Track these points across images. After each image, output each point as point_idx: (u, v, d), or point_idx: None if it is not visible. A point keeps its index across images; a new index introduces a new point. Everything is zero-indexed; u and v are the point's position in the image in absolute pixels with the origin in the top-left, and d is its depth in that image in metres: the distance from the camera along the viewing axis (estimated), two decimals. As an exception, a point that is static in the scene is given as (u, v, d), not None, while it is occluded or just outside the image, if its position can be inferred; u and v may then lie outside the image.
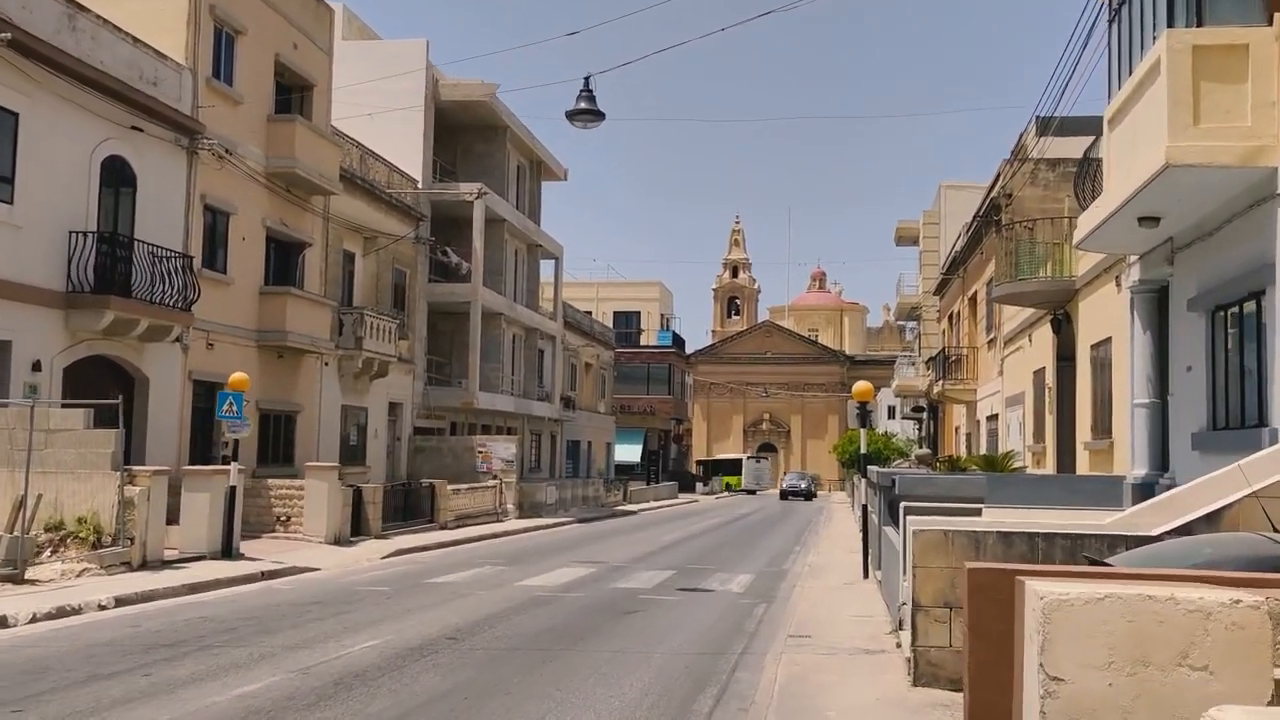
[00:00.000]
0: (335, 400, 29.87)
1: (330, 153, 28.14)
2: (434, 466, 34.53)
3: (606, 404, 63.00)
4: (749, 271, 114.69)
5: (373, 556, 20.97)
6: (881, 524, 15.11)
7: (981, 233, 30.94)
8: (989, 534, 8.58)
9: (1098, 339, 18.21)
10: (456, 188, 36.12)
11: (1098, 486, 16.22)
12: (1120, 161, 13.24)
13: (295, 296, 26.28)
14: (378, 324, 30.67)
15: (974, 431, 34.77)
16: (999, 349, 29.14)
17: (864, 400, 17.20)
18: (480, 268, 36.30)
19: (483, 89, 37.07)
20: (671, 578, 18.57)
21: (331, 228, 29.65)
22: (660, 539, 28.86)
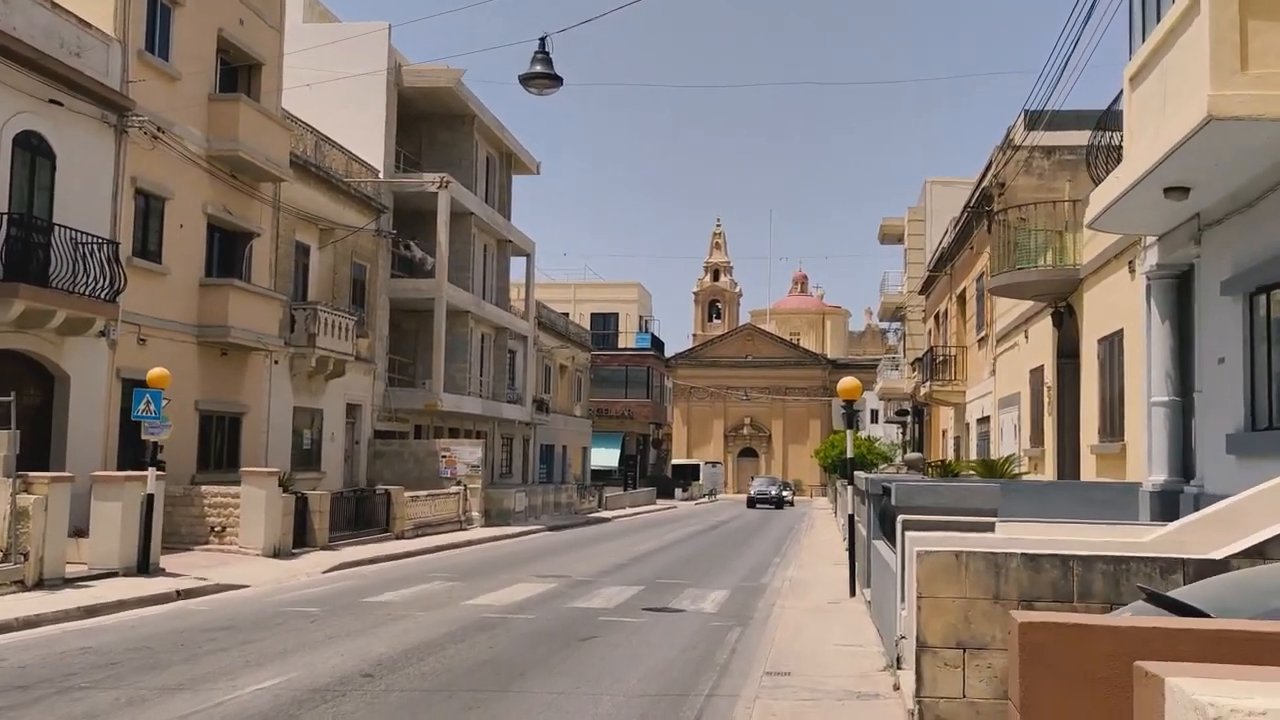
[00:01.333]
0: (286, 401, 28.01)
1: (279, 136, 26.31)
2: (395, 472, 32.70)
3: (583, 407, 61.22)
4: (730, 275, 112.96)
5: (313, 571, 19.15)
6: (871, 537, 13.41)
7: (972, 225, 29.33)
8: (1012, 556, 6.87)
9: (1106, 332, 16.57)
10: (419, 177, 34.29)
11: (1110, 495, 14.59)
12: (1145, 124, 11.59)
13: (239, 289, 24.43)
14: (333, 320, 28.84)
15: (963, 435, 33.14)
16: (991, 347, 27.53)
17: (850, 399, 15.52)
18: (445, 262, 34.50)
19: (447, 74, 35.28)
20: (638, 594, 16.83)
21: (283, 217, 27.81)
22: (632, 549, 27.11)
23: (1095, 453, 17.08)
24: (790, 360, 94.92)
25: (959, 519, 8.59)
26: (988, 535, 8.28)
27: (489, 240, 41.25)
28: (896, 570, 9.47)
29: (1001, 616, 6.73)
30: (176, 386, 23.02)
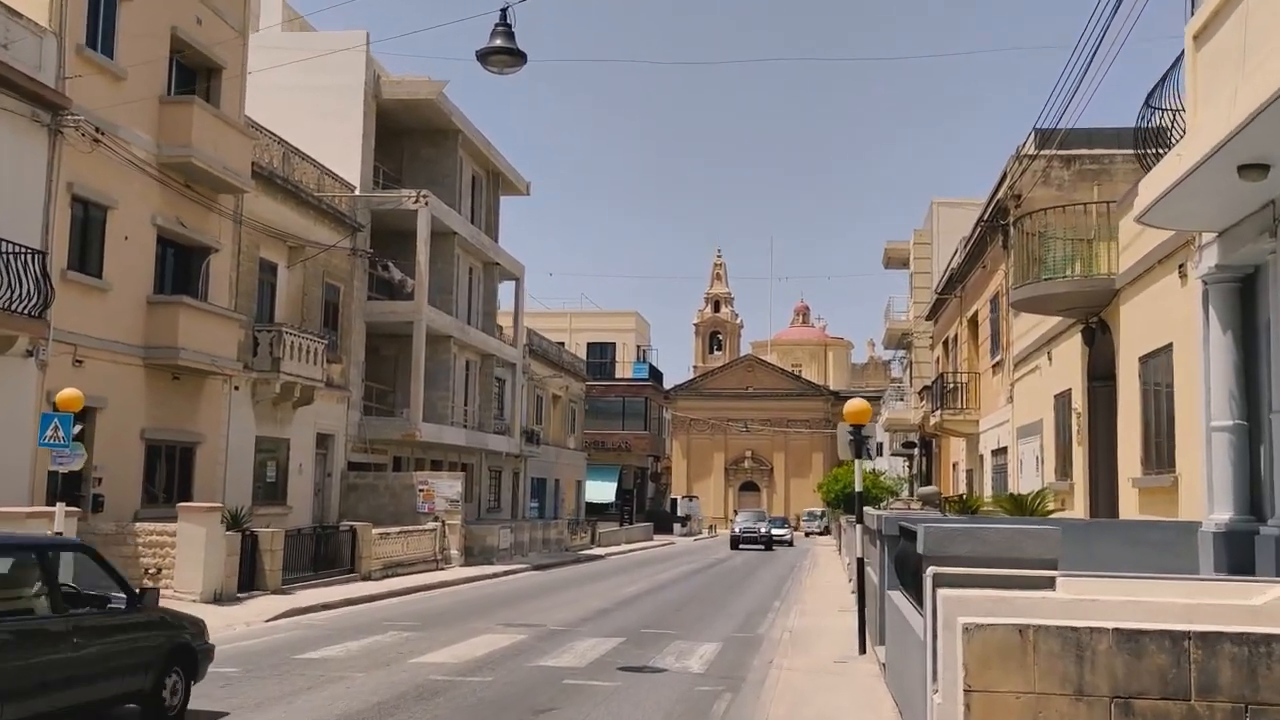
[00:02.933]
0: (248, 430, 25.95)
1: (240, 144, 24.40)
2: (370, 506, 30.61)
3: (577, 439, 59.10)
4: (731, 306, 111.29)
5: (255, 619, 17.04)
6: (885, 585, 11.33)
7: (986, 242, 27.37)
8: (1102, 634, 4.83)
9: (1150, 348, 14.55)
10: (396, 194, 32.40)
11: (1165, 536, 12.51)
12: (1216, 87, 9.63)
13: (190, 308, 22.43)
14: (301, 343, 26.84)
15: (976, 468, 31.05)
16: (1007, 372, 25.49)
17: (859, 424, 13.49)
18: (425, 284, 32.52)
19: (429, 86, 33.46)
20: (617, 649, 14.72)
21: (246, 233, 25.86)
22: (620, 591, 24.98)
23: (1138, 486, 15.01)
24: (792, 392, 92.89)
25: (1008, 573, 6.55)
26: (1050, 597, 6.24)
27: (474, 262, 39.31)
28: (923, 635, 7.41)
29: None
30: (120, 413, 21.16)
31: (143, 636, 9.23)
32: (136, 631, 9.20)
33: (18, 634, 7.92)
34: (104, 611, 9.09)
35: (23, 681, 7.68)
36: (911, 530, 9.26)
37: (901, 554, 10.09)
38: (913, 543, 9.23)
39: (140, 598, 9.42)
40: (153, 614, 9.57)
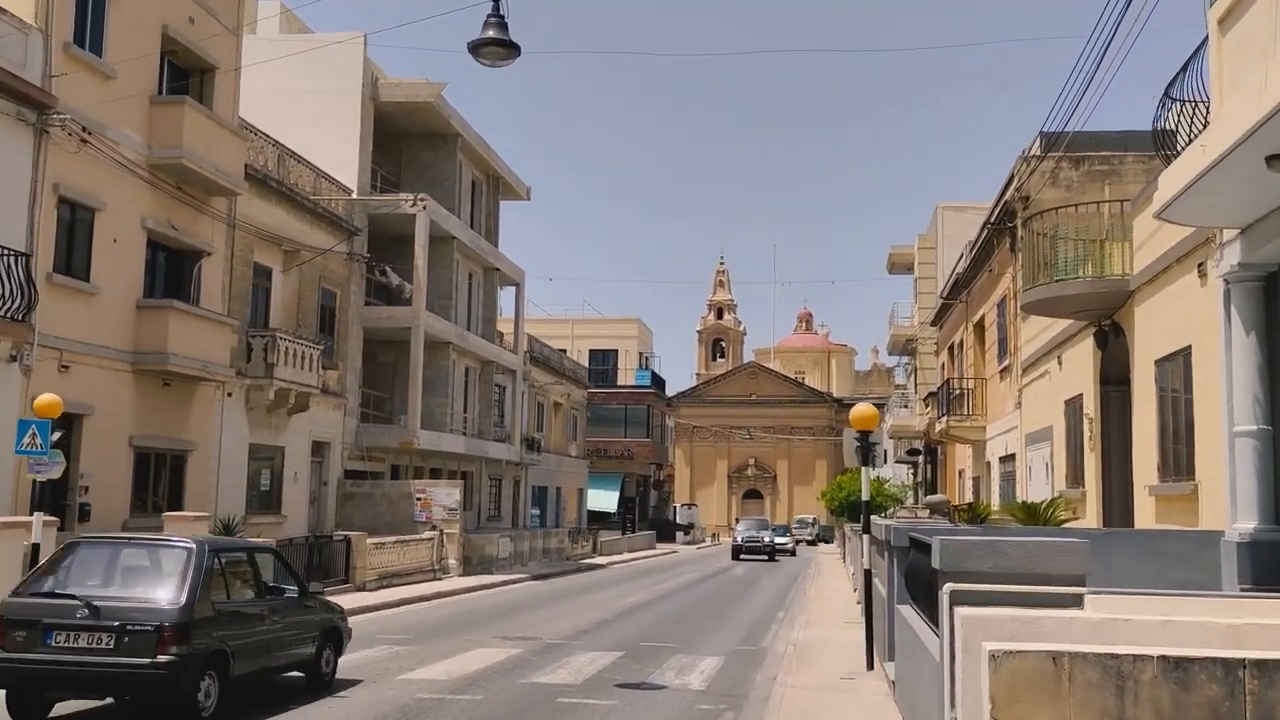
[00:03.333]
0: (241, 438, 25.46)
1: (233, 146, 23.94)
2: (366, 515, 30.13)
3: (578, 447, 58.58)
4: (734, 313, 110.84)
5: (242, 631, 16.48)
6: (894, 599, 10.81)
7: (993, 244, 26.85)
8: (1145, 662, 4.32)
9: (1167, 351, 14.03)
10: (393, 197, 31.92)
11: (1185, 547, 11.98)
12: (1241, 75, 9.14)
13: (181, 312, 21.95)
14: (295, 349, 26.35)
15: (983, 475, 30.51)
16: (1015, 378, 24.97)
17: (865, 429, 12.96)
18: (423, 289, 32.05)
19: (427, 88, 33.01)
20: (615, 664, 14.20)
21: (239, 236, 25.39)
22: (620, 602, 24.46)
23: (1155, 495, 14.48)
24: (796, 399, 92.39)
25: (1033, 590, 6.04)
26: (1080, 617, 5.73)
27: (474, 268, 38.84)
28: (938, 656, 6.90)
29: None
30: (107, 420, 20.66)
31: (308, 618, 11.97)
32: (304, 614, 11.91)
33: (238, 614, 10.61)
34: (285, 598, 11.66)
35: (245, 647, 10.48)
36: (923, 542, 8.74)
37: (912, 567, 9.57)
38: (924, 555, 8.72)
39: (306, 590, 12.46)
40: (314, 602, 12.42)
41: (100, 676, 9.51)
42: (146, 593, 10.00)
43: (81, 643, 9.49)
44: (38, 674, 9.61)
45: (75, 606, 9.61)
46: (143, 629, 9.47)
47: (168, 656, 9.38)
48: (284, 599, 11.59)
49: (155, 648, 9.40)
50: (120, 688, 9.70)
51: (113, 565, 10.53)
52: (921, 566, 8.79)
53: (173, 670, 9.39)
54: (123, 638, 9.43)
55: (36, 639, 9.57)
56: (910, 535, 10.04)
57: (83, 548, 10.87)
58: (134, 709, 10.34)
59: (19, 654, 9.56)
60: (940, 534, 7.22)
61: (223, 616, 10.25)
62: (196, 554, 10.23)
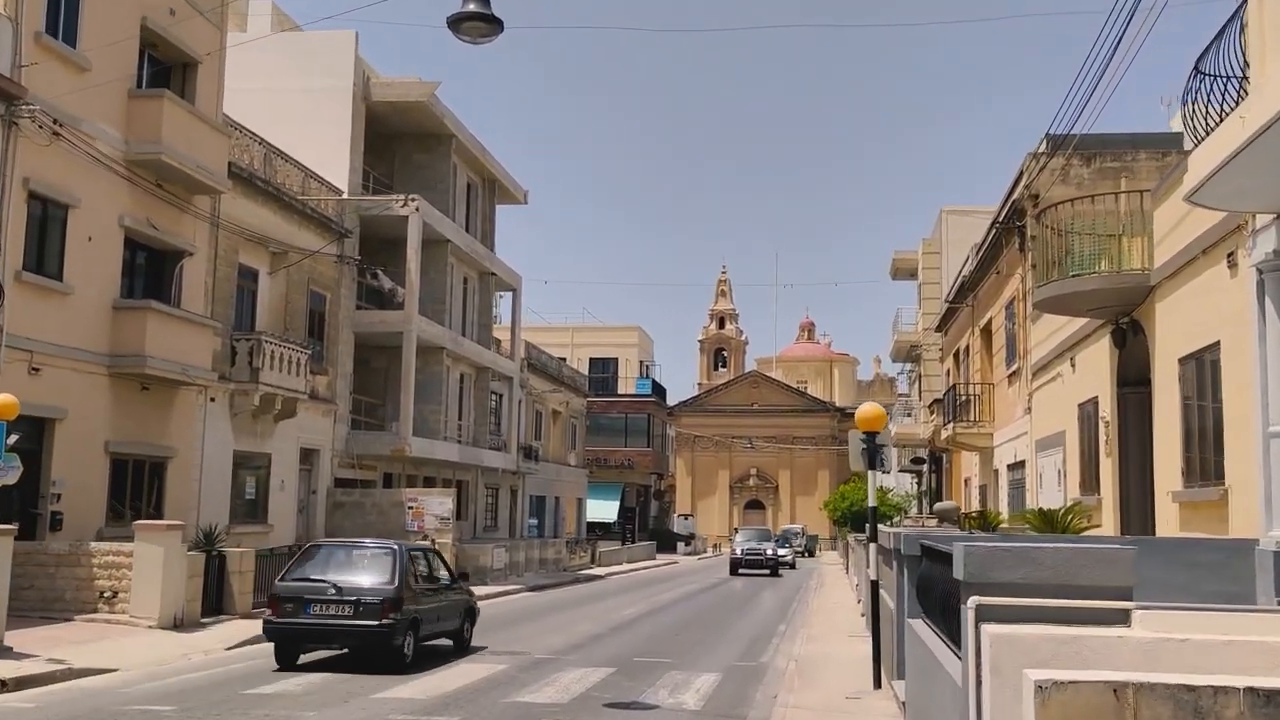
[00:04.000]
0: (225, 444, 24.67)
1: (216, 143, 23.19)
2: (357, 525, 29.26)
3: (578, 456, 57.72)
4: (736, 323, 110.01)
5: (216, 646, 15.69)
6: (905, 613, 9.98)
7: (1001, 245, 26.04)
8: (1230, 695, 3.50)
9: (1193, 348, 13.20)
10: (384, 197, 31.13)
11: (1217, 556, 11.11)
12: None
13: (159, 313, 21.17)
14: (282, 353, 25.56)
15: (990, 483, 29.66)
16: (1025, 382, 24.14)
17: (872, 430, 12.13)
18: (415, 292, 31.25)
19: (420, 87, 32.28)
20: (606, 680, 13.35)
21: (223, 236, 24.63)
22: (616, 614, 23.60)
23: (1178, 501, 13.64)
24: (798, 408, 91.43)
25: (1074, 605, 5.22)
26: (1128, 636, 4.91)
27: (469, 272, 38.05)
28: (960, 679, 6.06)
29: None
30: (81, 425, 19.87)
31: (457, 599, 16.36)
32: (456, 595, 16.35)
33: (422, 594, 14.78)
34: (444, 585, 16.02)
35: (426, 617, 14.78)
36: (938, 550, 7.92)
37: (925, 577, 8.74)
38: (939, 564, 7.90)
39: (456, 578, 16.96)
40: (462, 586, 16.89)
41: (344, 633, 13.98)
42: (372, 579, 14.24)
43: (330, 611, 13.90)
44: (301, 632, 14.08)
45: (326, 587, 14.03)
46: (372, 602, 13.78)
47: (388, 621, 13.68)
48: (444, 585, 16.03)
49: (380, 614, 13.70)
50: (357, 641, 14.01)
51: (345, 560, 14.80)
52: (935, 577, 7.97)
53: (390, 630, 13.69)
54: (359, 608, 13.78)
55: (299, 609, 13.94)
56: (922, 543, 9.22)
57: (323, 548, 15.53)
58: (361, 656, 14.15)
59: (288, 619, 13.97)
60: (962, 540, 6.38)
61: (415, 595, 14.51)
62: (398, 553, 14.66)
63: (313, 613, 13.83)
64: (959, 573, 5.59)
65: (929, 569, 8.55)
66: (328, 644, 14.36)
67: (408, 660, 13.87)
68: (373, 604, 13.73)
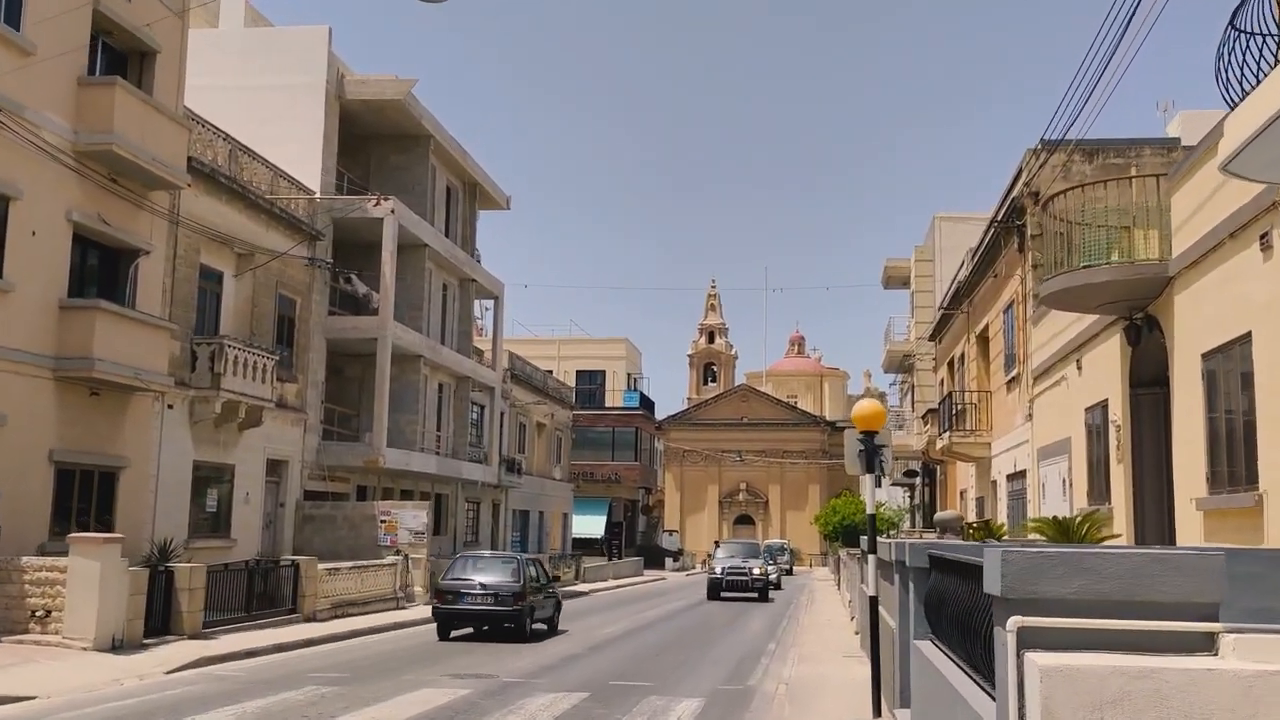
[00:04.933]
0: (184, 454, 23.40)
1: (174, 136, 21.97)
2: (327, 539, 28.04)
3: (563, 470, 56.45)
4: (725, 337, 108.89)
5: (154, 670, 14.41)
6: (909, 633, 8.79)
7: (999, 245, 24.95)
8: None
9: (1218, 341, 12.06)
10: (356, 197, 29.89)
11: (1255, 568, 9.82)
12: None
13: (110, 314, 19.91)
14: (246, 359, 24.32)
15: (988, 495, 28.50)
16: (1025, 388, 23.01)
17: (870, 430, 10.95)
18: (390, 297, 30.03)
19: (396, 86, 31.11)
20: (577, 708, 12.12)
21: (184, 235, 23.41)
22: (596, 632, 22.35)
23: (1203, 509, 12.48)
24: (788, 422, 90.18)
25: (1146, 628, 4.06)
26: (1219, 670, 3.74)
27: (449, 278, 36.85)
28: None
29: None
30: (22, 431, 18.56)
31: (552, 596, 22.11)
32: (551, 592, 22.12)
33: (534, 590, 20.48)
34: (544, 584, 21.79)
35: (536, 606, 20.49)
36: (952, 561, 6.74)
37: (935, 593, 7.56)
38: (952, 578, 6.73)
39: (550, 581, 22.85)
40: (553, 587, 22.66)
41: (487, 617, 20.00)
42: (505, 579, 20.13)
43: (478, 602, 19.82)
44: (458, 616, 20.07)
45: (474, 584, 19.98)
46: (507, 594, 19.75)
47: (518, 607, 19.62)
48: (544, 584, 21.86)
49: (513, 603, 19.67)
50: (496, 622, 19.98)
51: (483, 565, 20.88)
52: (949, 592, 6.80)
53: (520, 614, 19.70)
54: (498, 598, 19.72)
55: (456, 599, 19.90)
56: (931, 554, 8.04)
57: (467, 558, 21.87)
58: (498, 633, 20.01)
59: (449, 606, 19.96)
60: (998, 546, 5.18)
61: (530, 591, 20.21)
62: (521, 561, 21.11)
63: (465, 603, 19.86)
64: (993, 586, 4.40)
65: (940, 583, 7.37)
66: (476, 624, 20.27)
67: (528, 635, 19.99)
68: (507, 595, 19.76)
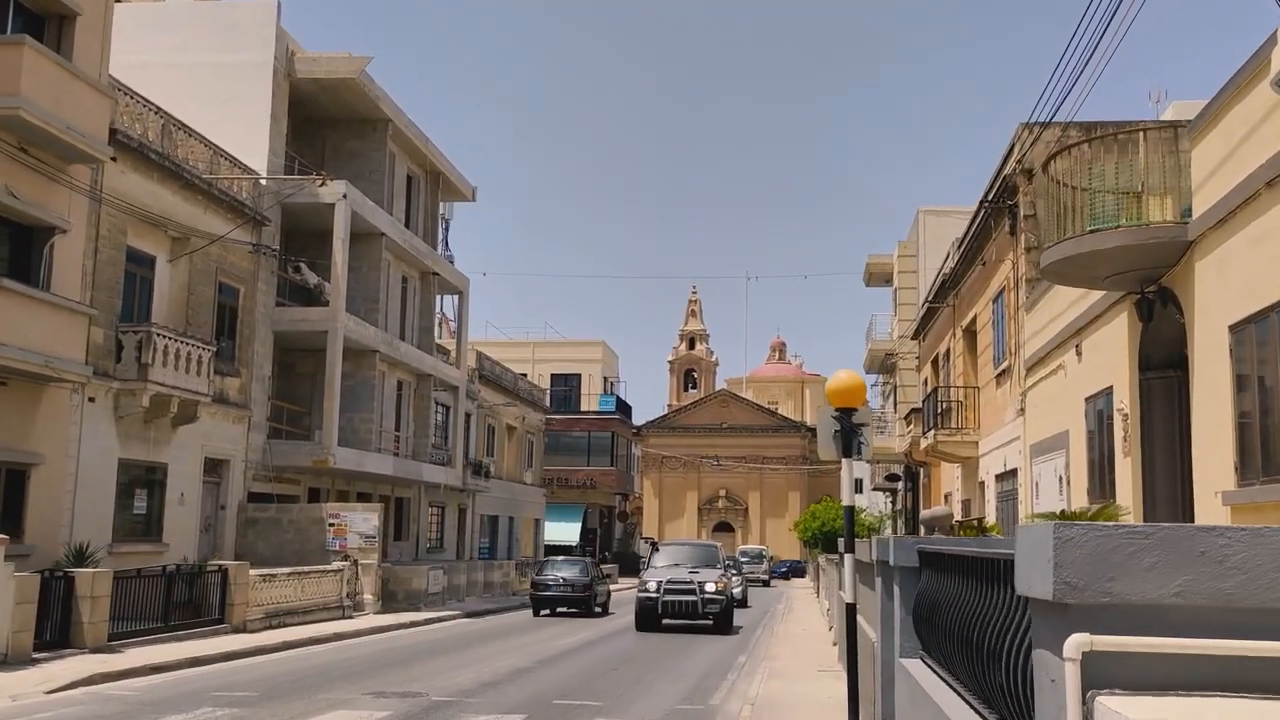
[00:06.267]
0: (107, 450, 21.56)
1: (95, 103, 20.20)
2: (271, 544, 26.23)
3: (535, 474, 54.63)
4: (706, 343, 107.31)
5: (32, 690, 12.60)
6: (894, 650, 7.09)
7: (989, 228, 23.36)
8: None
9: (1251, 310, 10.43)
10: (303, 178, 28.07)
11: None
12: None
13: (12, 294, 18.06)
14: (178, 349, 22.51)
15: (974, 496, 26.86)
16: (1017, 381, 21.40)
17: (848, 406, 9.24)
18: (341, 287, 28.25)
19: (349, 63, 29.35)
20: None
21: (108, 214, 21.60)
22: (553, 644, 20.61)
23: (1230, 504, 10.85)
24: (768, 427, 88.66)
25: None
26: None
27: (409, 271, 35.06)
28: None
29: None
30: (-87, 423, 16.84)
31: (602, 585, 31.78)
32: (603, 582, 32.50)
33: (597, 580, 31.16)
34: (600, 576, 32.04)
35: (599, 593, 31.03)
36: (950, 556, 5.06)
37: (927, 598, 5.88)
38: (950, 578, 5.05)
39: (604, 576, 33.49)
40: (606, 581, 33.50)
41: (569, 599, 29.50)
42: (578, 575, 29.74)
43: (563, 589, 29.34)
44: (549, 599, 29.57)
45: (559, 580, 29.66)
46: (580, 582, 29.45)
47: (589, 592, 29.40)
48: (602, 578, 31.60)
49: (585, 589, 29.31)
50: (576, 604, 29.42)
51: (561, 565, 30.84)
52: (945, 598, 5.12)
53: (590, 596, 29.53)
54: (575, 586, 29.27)
55: (546, 587, 29.57)
56: (923, 549, 6.36)
57: (548, 561, 32.18)
58: (577, 612, 29.18)
59: (540, 592, 29.65)
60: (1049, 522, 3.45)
61: (595, 581, 29.99)
62: (588, 563, 31.40)
63: (551, 589, 29.31)
64: (1035, 584, 2.71)
65: (935, 586, 5.69)
66: (562, 605, 29.34)
67: (598, 612, 29.32)
68: (580, 583, 29.36)
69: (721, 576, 25.19)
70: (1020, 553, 2.87)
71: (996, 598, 3.77)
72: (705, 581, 24.45)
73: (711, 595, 24.25)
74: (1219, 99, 11.07)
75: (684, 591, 24.31)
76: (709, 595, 24.23)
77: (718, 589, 24.45)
